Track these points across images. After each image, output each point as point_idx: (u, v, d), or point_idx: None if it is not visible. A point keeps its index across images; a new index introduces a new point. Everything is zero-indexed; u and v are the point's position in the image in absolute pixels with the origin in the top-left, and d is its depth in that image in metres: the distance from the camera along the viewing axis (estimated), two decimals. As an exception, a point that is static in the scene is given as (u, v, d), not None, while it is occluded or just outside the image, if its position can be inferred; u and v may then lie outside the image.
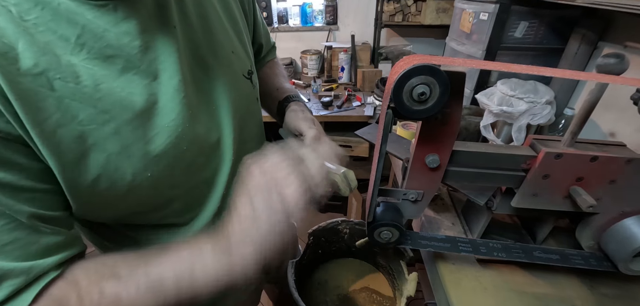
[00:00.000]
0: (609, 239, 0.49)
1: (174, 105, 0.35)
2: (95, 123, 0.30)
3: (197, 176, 0.42)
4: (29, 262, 0.29)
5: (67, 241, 0.33)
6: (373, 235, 0.51)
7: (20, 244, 0.29)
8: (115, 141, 0.32)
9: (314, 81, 1.92)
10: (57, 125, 0.28)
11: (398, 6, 1.86)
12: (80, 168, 0.30)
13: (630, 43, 0.84)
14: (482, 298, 0.53)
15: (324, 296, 0.83)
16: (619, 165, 0.44)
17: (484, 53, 1.09)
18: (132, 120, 0.33)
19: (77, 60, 0.29)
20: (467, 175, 0.48)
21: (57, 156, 0.29)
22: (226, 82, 0.43)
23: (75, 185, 0.31)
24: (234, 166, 0.45)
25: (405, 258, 0.73)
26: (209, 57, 0.42)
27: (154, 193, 0.37)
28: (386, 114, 0.38)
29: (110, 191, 0.33)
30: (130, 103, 0.32)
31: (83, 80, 0.30)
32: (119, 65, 0.32)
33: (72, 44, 0.29)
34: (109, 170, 0.32)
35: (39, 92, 0.27)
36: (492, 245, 0.54)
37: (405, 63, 0.34)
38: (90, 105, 0.30)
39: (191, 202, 0.43)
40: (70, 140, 0.29)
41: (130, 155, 0.33)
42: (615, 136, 0.89)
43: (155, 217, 0.41)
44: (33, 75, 0.27)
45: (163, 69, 0.35)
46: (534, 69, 0.33)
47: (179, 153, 0.37)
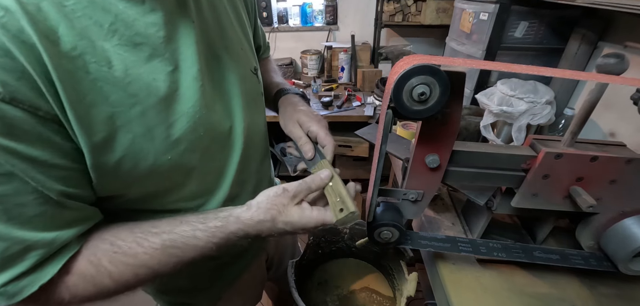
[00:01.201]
0: (609, 239, 0.49)
1: (192, 93, 0.38)
2: (124, 106, 0.33)
3: (210, 163, 0.44)
4: (53, 233, 0.32)
5: (88, 214, 0.36)
6: (373, 235, 0.51)
7: (46, 217, 0.31)
8: (140, 123, 0.34)
9: (314, 81, 1.92)
10: (91, 105, 0.31)
11: (398, 6, 1.85)
12: (108, 147, 0.33)
13: (630, 43, 0.84)
14: (482, 298, 0.53)
15: (324, 296, 0.83)
16: (619, 165, 0.44)
17: (484, 53, 1.09)
18: (157, 104, 0.35)
19: (109, 45, 0.32)
20: (467, 175, 0.48)
21: (88, 135, 0.31)
22: (236, 76, 0.46)
23: (102, 164, 0.33)
24: (242, 155, 0.48)
25: (405, 258, 0.73)
26: (221, 51, 0.44)
27: (172, 176, 0.40)
28: (386, 114, 0.38)
29: (133, 171, 0.35)
30: (155, 88, 0.35)
31: (114, 65, 0.32)
32: (146, 53, 0.34)
33: (106, 30, 0.31)
34: (133, 150, 0.34)
35: (77, 74, 0.30)
36: (492, 245, 0.54)
37: (405, 63, 0.34)
38: (121, 88, 0.32)
39: (203, 189, 0.46)
40: (101, 120, 0.32)
41: (153, 138, 0.35)
42: (615, 136, 0.89)
43: (168, 200, 0.43)
44: (72, 57, 0.29)
45: (183, 59, 0.37)
46: (534, 69, 0.33)
47: (196, 139, 0.40)
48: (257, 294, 0.77)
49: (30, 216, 0.30)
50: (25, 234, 0.30)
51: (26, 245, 0.30)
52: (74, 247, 0.34)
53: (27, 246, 0.30)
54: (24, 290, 0.31)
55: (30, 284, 0.31)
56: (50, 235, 0.31)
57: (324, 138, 0.51)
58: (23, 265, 0.31)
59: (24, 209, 0.30)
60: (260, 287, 0.79)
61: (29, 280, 0.31)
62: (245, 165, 0.50)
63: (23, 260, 0.31)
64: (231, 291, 0.64)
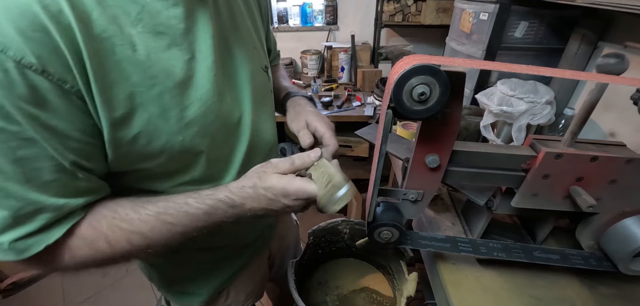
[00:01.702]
0: (609, 239, 0.49)
1: (205, 81, 0.41)
2: (143, 86, 0.36)
3: (218, 150, 0.47)
4: (64, 200, 0.34)
5: (98, 187, 0.39)
6: (373, 235, 0.51)
7: (59, 184, 0.34)
8: (157, 104, 0.37)
9: (314, 81, 1.92)
10: (114, 83, 0.34)
11: (398, 6, 1.85)
12: (126, 123, 0.36)
13: (630, 43, 0.84)
14: (482, 298, 0.53)
15: (324, 296, 0.83)
16: (619, 165, 0.44)
17: (484, 53, 1.09)
18: (173, 88, 0.38)
19: (134, 32, 0.35)
20: (467, 175, 0.48)
21: (109, 110, 0.34)
22: (248, 71, 0.49)
23: (119, 138, 0.36)
24: (249, 145, 0.51)
25: (405, 258, 0.73)
26: (235, 48, 0.48)
27: (181, 158, 0.43)
28: (386, 114, 0.38)
29: (147, 148, 0.39)
30: (173, 73, 0.38)
31: (138, 49, 0.35)
32: (167, 41, 0.38)
33: (133, 18, 0.35)
34: (149, 128, 0.38)
35: (104, 54, 0.33)
36: (492, 245, 0.54)
37: (405, 63, 0.34)
38: (142, 70, 0.36)
39: (209, 174, 0.48)
40: (122, 98, 0.35)
41: (167, 118, 0.39)
42: (615, 136, 0.89)
43: (176, 182, 0.46)
44: (101, 39, 0.33)
45: (199, 50, 0.41)
46: (534, 69, 0.33)
47: (206, 124, 0.43)
48: (258, 291, 0.78)
49: (45, 181, 0.33)
50: (39, 197, 0.33)
51: (38, 207, 0.33)
52: (79, 214, 0.37)
53: (38, 209, 0.33)
54: (31, 247, 0.34)
55: (37, 243, 0.34)
56: (60, 201, 0.34)
57: (328, 138, 0.53)
58: (33, 225, 0.33)
59: (40, 174, 0.32)
60: (261, 284, 0.79)
61: (37, 240, 0.34)
62: (252, 155, 0.53)
63: (33, 221, 0.33)
64: (232, 285, 0.66)
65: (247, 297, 0.72)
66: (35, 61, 0.28)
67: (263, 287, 0.82)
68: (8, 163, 0.31)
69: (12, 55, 0.27)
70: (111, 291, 1.65)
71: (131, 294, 1.63)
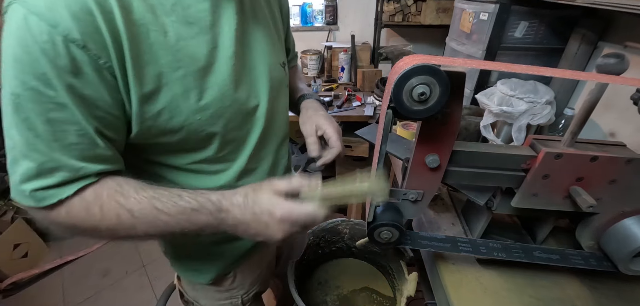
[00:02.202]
0: (609, 239, 0.49)
1: (225, 69, 0.46)
2: (170, 68, 0.41)
3: (233, 133, 0.51)
4: (81, 163, 0.38)
5: (113, 158, 0.42)
6: (373, 235, 0.51)
7: (80, 148, 0.38)
8: (180, 85, 0.42)
9: (314, 81, 1.92)
10: (146, 63, 0.39)
11: (398, 6, 1.85)
12: (152, 99, 0.41)
13: (630, 43, 0.84)
14: (482, 298, 0.53)
15: (324, 296, 0.83)
16: (619, 165, 0.44)
17: (484, 53, 1.09)
18: (195, 72, 0.43)
19: (168, 20, 0.40)
20: (467, 175, 0.48)
21: (140, 86, 0.39)
22: (265, 64, 0.54)
23: (145, 111, 0.41)
24: (263, 133, 0.55)
25: (405, 258, 0.73)
26: (255, 42, 0.53)
27: (198, 135, 0.47)
28: (386, 114, 0.38)
29: (168, 123, 0.43)
30: (197, 59, 0.43)
31: (169, 35, 0.40)
32: (195, 31, 0.43)
33: (168, 8, 0.41)
34: (171, 106, 0.42)
35: (140, 37, 0.38)
36: (492, 245, 0.54)
37: (405, 63, 0.34)
38: (170, 54, 0.41)
39: (223, 154, 0.52)
40: (152, 77, 0.40)
41: (188, 99, 0.43)
42: (615, 136, 0.89)
43: (193, 158, 0.50)
44: (139, 25, 0.38)
45: (222, 41, 0.46)
46: (534, 69, 0.33)
47: (222, 108, 0.47)
48: (264, 279, 0.78)
49: (70, 143, 0.37)
50: (61, 156, 0.37)
51: (59, 165, 0.37)
52: (91, 179, 0.40)
53: (59, 166, 0.37)
54: (47, 199, 0.38)
55: (52, 196, 0.38)
56: (78, 164, 0.38)
57: (335, 141, 0.62)
58: (52, 180, 0.37)
59: (66, 136, 0.37)
60: (267, 273, 0.80)
61: (53, 193, 0.38)
62: (264, 142, 0.57)
63: (53, 176, 0.37)
64: (239, 269, 0.69)
65: (252, 284, 0.73)
66: (79, 37, 0.34)
67: (269, 277, 0.82)
68: (41, 122, 0.35)
69: (61, 31, 0.33)
70: (111, 291, 1.65)
71: (131, 294, 1.63)
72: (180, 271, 0.69)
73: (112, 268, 1.76)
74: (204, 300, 0.72)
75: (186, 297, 0.74)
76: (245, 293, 0.73)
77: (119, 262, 1.79)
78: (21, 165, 0.37)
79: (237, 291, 0.71)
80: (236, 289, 0.71)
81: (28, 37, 0.32)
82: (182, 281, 0.73)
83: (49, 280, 1.71)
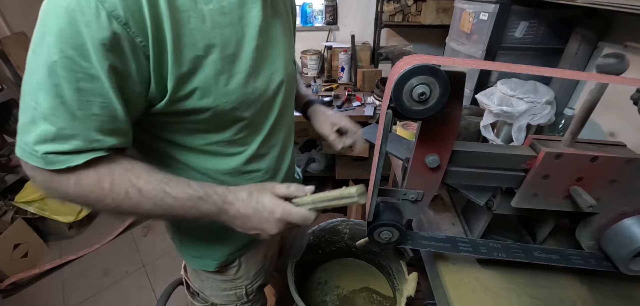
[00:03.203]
0: (609, 239, 0.49)
1: (248, 58, 0.49)
2: (206, 52, 0.44)
3: (253, 117, 0.55)
4: (99, 135, 0.40)
5: (127, 132, 0.44)
6: (373, 235, 0.51)
7: (101, 120, 0.40)
8: (212, 68, 0.45)
9: (314, 81, 1.92)
10: (185, 46, 0.42)
11: (398, 6, 1.85)
12: (187, 78, 0.44)
13: (630, 43, 0.84)
14: (482, 298, 0.53)
15: (324, 296, 0.83)
16: (619, 165, 0.44)
17: (484, 53, 1.09)
18: (226, 58, 0.46)
19: (206, 8, 0.43)
20: (467, 175, 0.48)
21: (178, 66, 0.42)
22: (282, 59, 0.57)
23: (180, 89, 0.44)
24: (275, 120, 0.60)
25: (405, 258, 0.73)
26: (276, 37, 0.56)
27: (223, 117, 0.51)
28: (386, 114, 0.38)
29: (198, 102, 0.46)
30: (228, 46, 0.46)
31: (206, 21, 0.44)
32: (227, 20, 0.46)
33: None
34: (203, 86, 0.45)
35: (181, 22, 0.41)
36: (492, 245, 0.54)
37: (405, 63, 0.34)
38: (207, 39, 0.44)
39: (239, 139, 0.56)
40: (189, 58, 0.43)
41: (217, 82, 0.46)
42: (615, 136, 0.89)
43: (209, 139, 0.53)
44: (181, 11, 0.41)
45: (249, 33, 0.49)
46: (534, 69, 0.33)
47: (245, 93, 0.50)
48: (268, 270, 0.80)
49: (91, 114, 0.39)
50: (81, 125, 0.39)
51: (76, 133, 0.39)
52: (102, 152, 0.42)
53: (75, 134, 0.39)
54: (57, 163, 0.39)
55: (63, 161, 0.39)
56: (95, 135, 0.40)
57: (352, 127, 0.76)
58: (66, 146, 0.39)
59: (90, 106, 0.38)
60: (271, 264, 0.81)
61: (64, 159, 0.39)
62: (275, 131, 0.61)
63: (68, 142, 0.39)
64: (243, 258, 0.71)
65: (257, 274, 0.75)
66: (122, 14, 0.36)
67: (272, 270, 0.84)
68: (70, 90, 0.37)
69: (107, 7, 0.35)
70: (111, 291, 1.65)
71: (131, 294, 1.63)
72: (186, 257, 0.71)
73: (112, 268, 1.76)
74: (210, 290, 0.74)
75: (192, 288, 0.77)
76: (249, 284, 0.75)
77: (119, 262, 1.79)
78: (40, 127, 0.38)
79: (241, 281, 0.73)
80: (241, 279, 0.73)
81: (76, 8, 0.34)
82: (188, 272, 0.76)
83: (49, 280, 1.71)
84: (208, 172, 0.56)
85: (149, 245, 1.89)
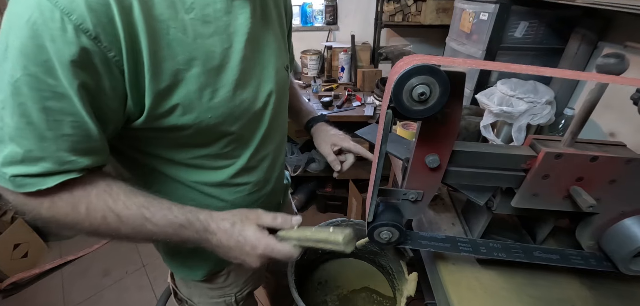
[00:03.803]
0: (609, 239, 0.49)
1: (235, 69, 0.46)
2: (187, 65, 0.41)
3: (240, 131, 0.52)
4: (71, 156, 0.37)
5: (102, 150, 0.41)
6: (373, 235, 0.51)
7: (73, 139, 0.37)
8: (195, 82, 0.42)
9: (314, 81, 1.92)
10: (164, 59, 0.39)
11: (398, 6, 1.85)
12: (167, 94, 0.41)
13: (630, 43, 0.84)
14: (482, 298, 0.53)
15: (324, 296, 0.83)
16: (619, 165, 0.44)
17: (484, 53, 1.09)
18: (210, 70, 0.44)
19: (187, 17, 0.40)
20: (467, 175, 0.48)
21: (157, 81, 0.39)
22: (273, 66, 0.55)
23: (158, 106, 0.41)
24: (265, 132, 0.57)
25: (405, 258, 0.73)
26: (265, 44, 0.54)
27: (207, 132, 0.48)
28: (386, 114, 0.38)
29: (180, 119, 0.44)
30: (212, 57, 0.43)
31: (188, 32, 0.41)
32: (211, 30, 0.43)
33: (187, 6, 0.40)
34: (185, 102, 0.43)
35: (159, 33, 0.38)
36: (492, 245, 0.54)
37: (405, 63, 0.34)
38: (188, 51, 0.41)
39: (227, 152, 0.53)
40: (168, 72, 0.40)
41: (201, 97, 0.44)
42: (615, 136, 0.89)
43: (195, 153, 0.51)
44: (159, 20, 0.38)
45: (236, 42, 0.46)
46: (534, 69, 0.33)
47: (231, 107, 0.48)
48: (258, 277, 0.79)
49: (62, 134, 0.36)
50: (50, 146, 0.36)
51: (45, 155, 0.36)
52: (75, 174, 0.39)
53: (45, 156, 0.36)
54: (26, 185, 0.37)
55: (31, 184, 0.37)
56: (67, 156, 0.37)
57: (353, 149, 0.73)
58: (35, 168, 0.36)
59: (60, 126, 0.36)
60: (261, 272, 0.81)
61: (33, 181, 0.37)
62: (266, 143, 0.59)
63: (37, 165, 0.36)
64: (233, 267, 0.69)
65: (246, 282, 0.74)
66: (92, 28, 0.33)
67: (262, 275, 0.83)
68: (37, 110, 0.34)
69: (74, 20, 0.32)
70: (111, 291, 1.65)
71: (131, 294, 1.63)
72: (172, 267, 0.69)
73: (112, 268, 1.76)
74: (198, 297, 0.72)
75: (180, 295, 0.75)
76: (238, 291, 0.73)
77: (119, 262, 1.79)
78: (7, 147, 0.35)
79: (230, 289, 0.71)
80: (229, 287, 0.71)
81: (38, 21, 0.31)
82: (176, 279, 0.73)
83: (49, 280, 1.72)
84: (195, 185, 0.54)
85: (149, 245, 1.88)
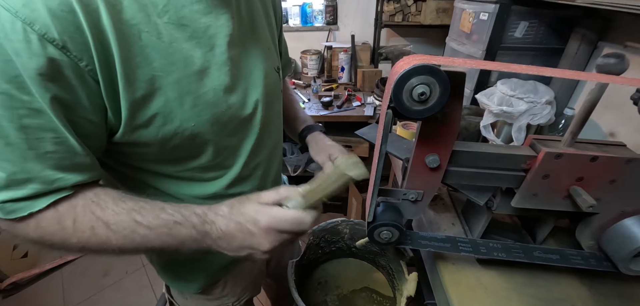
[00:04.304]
0: (609, 239, 0.49)
1: (220, 73, 0.44)
2: (164, 72, 0.39)
3: (227, 140, 0.49)
4: (57, 174, 0.36)
5: (91, 166, 0.39)
6: (373, 235, 0.51)
7: (57, 157, 0.35)
8: (174, 89, 0.40)
9: (314, 81, 1.92)
10: (137, 66, 0.37)
11: (398, 6, 1.85)
12: (145, 104, 0.39)
13: (630, 43, 0.84)
14: (482, 298, 0.53)
15: (324, 296, 0.83)
16: (619, 165, 0.44)
17: (484, 53, 1.09)
18: (190, 76, 0.41)
19: (160, 21, 0.38)
20: (467, 175, 0.48)
21: (131, 90, 0.37)
22: (261, 69, 0.52)
23: (136, 117, 0.39)
24: (257, 139, 0.54)
25: (405, 258, 0.73)
26: (251, 46, 0.51)
27: (192, 142, 0.45)
28: (386, 114, 0.38)
29: (160, 130, 0.41)
30: (191, 62, 0.41)
31: (162, 37, 0.38)
32: (188, 33, 0.41)
33: (160, 9, 0.38)
34: (165, 111, 0.40)
35: (131, 38, 0.36)
36: (492, 245, 0.54)
37: (405, 63, 0.34)
38: (164, 56, 0.38)
39: (217, 163, 0.50)
40: (144, 80, 0.37)
41: (182, 104, 0.41)
42: (615, 136, 0.89)
43: (186, 165, 0.48)
44: (130, 25, 0.36)
45: (218, 45, 0.44)
46: (534, 69, 0.33)
47: (217, 114, 0.45)
48: (255, 285, 0.78)
49: (44, 152, 0.34)
50: (35, 166, 0.34)
51: (31, 176, 0.34)
52: (67, 192, 0.37)
53: (31, 177, 0.34)
54: (17, 211, 0.35)
55: (22, 209, 0.35)
56: (54, 175, 0.35)
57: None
58: (22, 192, 0.35)
59: (41, 144, 0.34)
60: (258, 279, 0.79)
61: (23, 205, 0.35)
62: (259, 150, 0.56)
63: (23, 188, 0.35)
64: (229, 277, 0.67)
65: (244, 290, 0.72)
66: (58, 37, 0.31)
67: (260, 282, 0.82)
68: (13, 129, 0.32)
69: (38, 29, 0.30)
70: (111, 291, 1.65)
71: (131, 294, 1.63)
72: (168, 280, 0.66)
73: (112, 268, 1.76)
74: None
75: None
76: (236, 300, 0.71)
77: (119, 262, 1.79)
78: None
79: (227, 299, 0.69)
80: (227, 297, 0.69)
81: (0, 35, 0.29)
82: (171, 291, 0.70)
83: (49, 280, 1.72)
84: (185, 199, 0.51)
85: (149, 245, 1.89)
